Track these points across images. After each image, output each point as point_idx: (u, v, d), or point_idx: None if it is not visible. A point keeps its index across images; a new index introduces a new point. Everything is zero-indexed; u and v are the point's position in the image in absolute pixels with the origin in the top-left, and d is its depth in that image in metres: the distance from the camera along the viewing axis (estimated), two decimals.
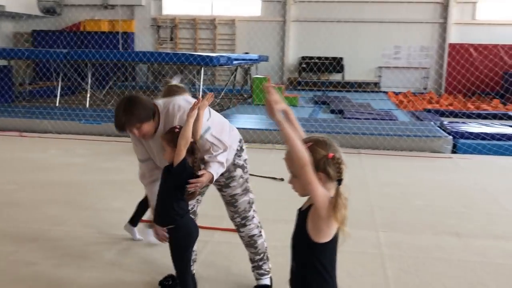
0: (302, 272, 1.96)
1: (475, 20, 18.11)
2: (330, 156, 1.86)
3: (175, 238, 2.82)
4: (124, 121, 2.80)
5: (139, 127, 2.80)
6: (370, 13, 18.29)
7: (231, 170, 3.08)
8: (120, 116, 2.80)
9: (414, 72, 18.50)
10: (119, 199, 5.26)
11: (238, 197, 3.14)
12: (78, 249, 3.94)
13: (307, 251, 1.91)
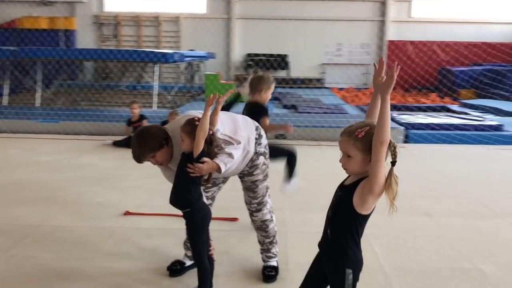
0: (339, 238, 2.17)
1: (411, 18, 19.03)
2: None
3: (192, 221, 2.96)
4: (138, 153, 2.96)
5: (154, 156, 2.96)
6: (313, 11, 18.81)
7: (254, 159, 3.24)
8: (135, 149, 2.97)
9: (355, 68, 19.19)
10: (99, 194, 5.28)
11: (259, 183, 3.31)
12: (74, 242, 3.97)
13: (349, 220, 2.13)
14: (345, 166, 2.14)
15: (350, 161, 2.10)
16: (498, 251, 3.93)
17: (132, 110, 7.80)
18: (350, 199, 2.09)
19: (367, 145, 2.02)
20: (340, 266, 2.15)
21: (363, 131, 2.05)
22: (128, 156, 7.53)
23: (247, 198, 3.39)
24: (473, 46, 17.97)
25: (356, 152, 2.07)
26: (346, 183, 2.18)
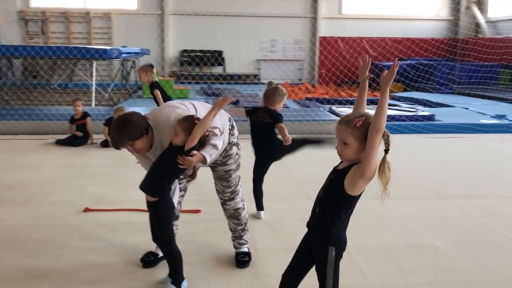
0: (326, 217, 2.31)
1: (342, 15, 19.70)
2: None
3: (161, 209, 3.01)
4: (117, 140, 2.97)
5: (132, 144, 2.98)
6: (246, 7, 19.02)
7: (228, 149, 3.32)
8: (114, 135, 2.98)
9: (289, 64, 19.62)
10: (53, 193, 5.16)
11: (232, 172, 3.40)
12: (37, 240, 3.89)
13: (338, 201, 2.28)
14: (341, 152, 2.26)
15: (346, 148, 2.22)
16: (446, 228, 4.25)
17: (75, 108, 7.62)
18: (342, 181, 2.24)
19: (363, 133, 2.16)
20: (325, 243, 2.30)
21: (360, 121, 2.18)
22: (76, 154, 7.50)
23: (220, 188, 3.47)
24: (399, 41, 18.85)
25: (353, 140, 2.19)
26: (339, 168, 2.32)
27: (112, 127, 2.99)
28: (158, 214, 3.03)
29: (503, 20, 18.15)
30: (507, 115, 9.77)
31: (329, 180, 2.36)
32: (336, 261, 2.31)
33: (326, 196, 2.33)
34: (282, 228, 4.25)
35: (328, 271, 2.30)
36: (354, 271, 3.41)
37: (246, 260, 3.49)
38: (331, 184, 2.32)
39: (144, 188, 3.01)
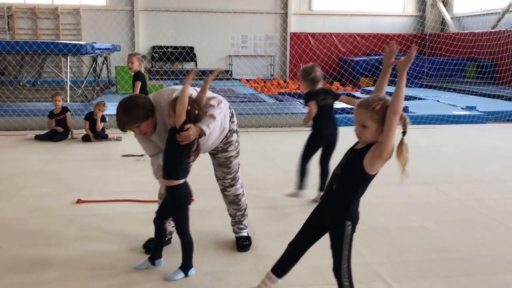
0: (344, 194, 2.42)
1: (312, 11, 19.91)
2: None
3: (178, 196, 3.07)
4: (124, 122, 3.01)
5: (139, 126, 3.03)
6: (217, 3, 19.02)
7: (228, 136, 3.39)
8: (120, 117, 3.01)
9: (261, 59, 19.73)
10: (42, 186, 5.13)
11: (232, 159, 3.47)
12: (34, 230, 3.89)
13: (356, 179, 2.39)
14: (360, 135, 2.36)
15: (365, 131, 2.32)
16: (433, 211, 4.44)
17: (55, 103, 7.54)
18: (361, 160, 2.34)
19: (382, 117, 2.25)
20: (342, 218, 2.42)
21: (379, 104, 2.27)
22: (58, 149, 7.42)
23: (221, 174, 3.53)
24: (368, 37, 19.20)
25: (371, 123, 2.29)
26: (357, 147, 2.42)
27: (118, 110, 3.03)
28: (175, 199, 3.08)
29: (467, 16, 18.70)
30: (476, 106, 10.12)
31: (346, 159, 2.45)
32: (351, 235, 2.43)
33: (344, 173, 2.42)
34: (276, 215, 4.35)
35: (344, 244, 2.43)
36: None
37: (247, 244, 3.58)
38: (349, 163, 2.42)
39: (163, 176, 3.07)
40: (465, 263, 3.38)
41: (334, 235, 2.48)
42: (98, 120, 7.45)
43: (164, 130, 3.12)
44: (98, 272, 3.19)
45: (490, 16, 17.12)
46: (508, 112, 9.71)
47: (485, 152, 7.05)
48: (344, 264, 2.46)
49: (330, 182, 2.51)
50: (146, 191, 4.91)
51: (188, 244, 3.15)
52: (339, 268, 2.47)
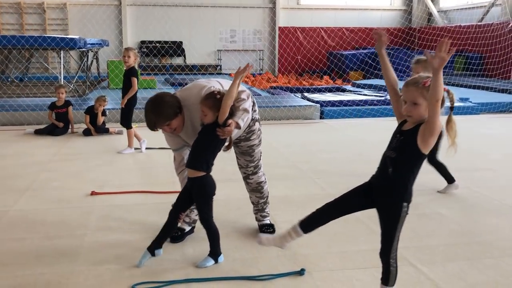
0: (402, 176, 2.43)
1: (300, 5, 19.95)
2: (446, 89, 2.39)
3: (205, 185, 3.10)
4: (154, 121, 3.06)
5: (169, 124, 3.08)
6: None
7: (251, 125, 3.43)
8: (150, 117, 3.05)
9: (250, 54, 19.71)
10: (53, 179, 5.10)
11: (255, 147, 3.51)
12: (54, 222, 3.87)
13: (412, 159, 2.41)
14: (410, 113, 2.37)
15: (416, 108, 2.35)
16: (445, 199, 4.52)
17: (59, 95, 7.47)
18: (414, 140, 2.35)
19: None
20: (399, 200, 2.44)
21: (428, 80, 2.29)
22: (61, 143, 7.39)
23: (244, 162, 3.57)
24: (356, 31, 19.32)
25: (422, 100, 2.32)
26: (405, 128, 2.43)
27: (147, 109, 3.06)
28: (201, 190, 3.10)
29: (454, 9, 18.92)
30: (469, 98, 10.27)
31: (397, 141, 2.45)
32: (406, 216, 2.47)
33: (398, 156, 2.42)
34: (292, 203, 4.39)
35: (398, 226, 2.46)
36: (373, 238, 3.59)
37: (271, 231, 3.62)
38: (401, 145, 2.42)
39: (189, 164, 3.09)
40: (487, 247, 3.46)
41: (388, 217, 2.49)
42: (99, 114, 7.40)
43: (192, 127, 3.16)
44: (127, 261, 3.20)
45: (476, 9, 17.34)
46: (500, 103, 9.89)
47: (484, 141, 7.17)
48: (394, 246, 2.50)
49: (383, 166, 2.49)
50: (159, 183, 4.94)
51: (214, 232, 3.18)
52: (389, 250, 2.51)
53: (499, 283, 2.93)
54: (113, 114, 8.37)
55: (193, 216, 3.60)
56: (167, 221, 3.20)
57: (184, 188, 3.24)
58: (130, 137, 6.32)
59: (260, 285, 2.90)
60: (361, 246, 3.46)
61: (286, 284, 2.91)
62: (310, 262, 3.19)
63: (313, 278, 2.98)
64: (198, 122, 3.12)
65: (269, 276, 2.99)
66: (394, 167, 2.43)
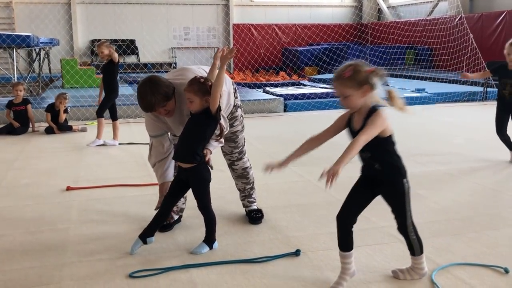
0: (387, 163, 2.51)
1: (253, 2, 20.01)
2: (371, 70, 2.38)
3: (202, 172, 3.07)
4: (154, 102, 2.94)
5: (165, 106, 2.99)
6: None
7: (233, 111, 3.43)
8: (149, 98, 2.93)
9: (204, 51, 19.61)
10: (21, 176, 4.93)
11: (238, 133, 3.51)
12: (34, 217, 3.73)
13: (384, 146, 2.50)
14: (346, 105, 2.43)
15: (348, 100, 2.38)
16: (421, 180, 4.64)
17: (17, 92, 7.18)
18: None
19: (357, 80, 2.32)
20: (398, 180, 2.53)
21: (348, 71, 2.33)
22: (23, 142, 7.17)
23: (228, 149, 3.55)
24: (309, 27, 19.56)
25: (349, 90, 2.35)
26: (357, 128, 2.44)
27: (144, 90, 2.97)
28: (198, 177, 3.07)
29: (403, 5, 19.47)
30: (425, 88, 10.61)
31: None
32: (409, 190, 2.55)
33: (373, 153, 2.49)
34: (274, 190, 4.41)
35: (406, 201, 2.54)
36: (360, 219, 3.65)
37: (259, 216, 3.63)
38: (367, 144, 2.40)
39: (181, 157, 3.05)
40: (468, 222, 3.59)
41: (395, 197, 2.56)
42: (61, 112, 7.18)
43: (179, 114, 3.12)
44: (118, 251, 3.13)
45: (425, 4, 17.92)
46: (454, 93, 10.27)
47: (446, 128, 7.43)
48: (409, 220, 2.57)
49: (368, 165, 2.58)
50: (133, 176, 4.86)
51: (212, 219, 3.16)
52: (405, 225, 2.58)
53: (486, 253, 3.05)
54: (73, 112, 8.16)
55: (180, 205, 3.57)
56: (160, 210, 3.15)
57: (176, 177, 3.19)
58: (100, 126, 6.26)
59: (259, 267, 2.90)
60: None
61: (284, 265, 2.93)
62: (303, 244, 3.22)
63: (310, 258, 3.01)
64: (187, 110, 3.07)
65: (266, 258, 2.99)
66: (377, 162, 2.51)
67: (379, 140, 2.43)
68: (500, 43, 14.21)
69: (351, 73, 2.33)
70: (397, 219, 2.61)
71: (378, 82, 2.42)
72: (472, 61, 12.79)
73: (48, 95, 10.39)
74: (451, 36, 14.61)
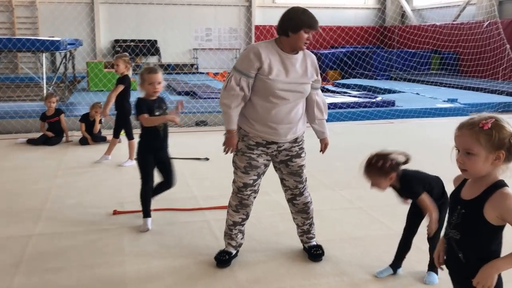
0: (477, 261, 1.88)
1: (275, 4, 19.87)
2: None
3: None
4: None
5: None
6: None
7: (303, 141, 3.33)
8: (315, 18, 3.13)
9: (226, 53, 19.53)
10: (66, 196, 4.85)
11: (304, 168, 3.38)
12: (87, 247, 3.65)
13: (486, 238, 1.87)
14: (464, 166, 1.84)
15: (470, 159, 1.81)
16: None
17: (49, 104, 7.10)
18: (481, 216, 1.83)
19: (494, 139, 1.77)
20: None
21: (489, 123, 1.78)
22: (59, 154, 7.03)
23: (293, 183, 3.39)
24: (332, 30, 19.35)
25: (479, 148, 1.79)
26: (467, 197, 1.89)
27: (305, 12, 3.12)
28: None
29: (428, 8, 19.20)
30: (458, 98, 10.41)
31: (458, 215, 1.92)
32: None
33: (464, 236, 1.90)
34: (326, 218, 4.26)
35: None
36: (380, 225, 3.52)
37: (320, 253, 3.48)
38: (464, 221, 1.89)
39: None
40: None
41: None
42: (96, 122, 7.12)
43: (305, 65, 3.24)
44: None
45: (451, 8, 17.64)
46: (489, 104, 10.06)
47: None
48: None
49: (450, 248, 1.98)
50: (177, 198, 4.68)
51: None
52: None
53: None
54: (105, 121, 8.08)
55: (239, 240, 3.45)
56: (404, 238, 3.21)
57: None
58: (131, 148, 6.00)
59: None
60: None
61: None
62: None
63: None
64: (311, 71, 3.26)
65: None
66: (463, 252, 1.91)
67: (488, 228, 1.83)
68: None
69: (491, 126, 1.77)
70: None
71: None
72: (498, 66, 12.55)
73: (76, 100, 10.32)
74: (479, 42, 14.37)
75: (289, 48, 3.14)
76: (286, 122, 3.15)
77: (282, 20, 3.14)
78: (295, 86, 3.12)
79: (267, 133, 3.15)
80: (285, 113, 3.13)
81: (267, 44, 3.20)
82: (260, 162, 3.24)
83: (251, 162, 3.21)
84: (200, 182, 5.29)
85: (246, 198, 3.32)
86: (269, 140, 3.18)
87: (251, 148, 3.20)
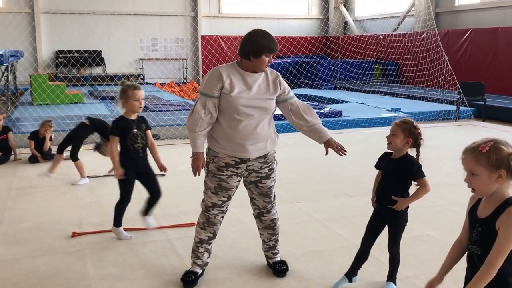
0: (497, 274, 2.05)
1: (221, 14, 19.99)
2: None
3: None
4: (276, 44, 3.21)
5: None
6: (124, 5, 18.46)
7: (274, 161, 3.42)
8: (272, 41, 3.18)
9: (173, 62, 19.44)
10: (20, 218, 4.73)
11: (273, 188, 3.47)
12: (49, 273, 3.59)
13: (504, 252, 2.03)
14: (471, 185, 2.10)
15: (475, 179, 2.06)
16: (427, 218, 4.73)
17: None
18: (496, 233, 2.02)
19: (492, 160, 2.01)
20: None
21: (487, 146, 2.03)
22: (8, 174, 6.78)
23: (262, 204, 3.48)
24: (279, 40, 19.62)
25: (480, 169, 2.03)
26: (482, 216, 2.11)
27: (266, 35, 3.16)
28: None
29: (369, 19, 19.86)
30: (401, 108, 10.84)
31: (477, 233, 2.12)
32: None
33: (484, 251, 2.07)
34: (286, 232, 4.36)
35: None
36: (377, 267, 3.70)
37: (285, 269, 3.58)
38: (483, 238, 2.09)
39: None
40: None
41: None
42: (46, 140, 6.96)
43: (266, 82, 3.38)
44: None
45: (391, 19, 18.33)
46: (430, 112, 10.54)
47: (431, 154, 7.54)
48: None
49: (471, 262, 2.17)
50: (136, 218, 4.64)
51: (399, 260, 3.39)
52: None
53: None
54: (54, 137, 7.90)
55: (205, 259, 3.50)
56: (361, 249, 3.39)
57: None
58: (79, 167, 5.96)
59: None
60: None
61: None
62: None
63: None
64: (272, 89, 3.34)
65: None
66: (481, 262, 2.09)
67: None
68: (465, 60, 14.72)
69: (488, 149, 2.02)
70: None
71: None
72: (438, 76, 13.18)
73: (22, 115, 10.01)
74: (419, 53, 15.00)
75: (251, 70, 3.24)
76: (252, 138, 3.23)
77: (243, 44, 3.23)
78: (258, 102, 3.22)
79: (235, 150, 3.22)
80: (251, 130, 3.22)
81: (228, 65, 3.30)
82: (231, 184, 3.31)
83: (221, 183, 3.27)
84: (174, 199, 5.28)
85: (212, 217, 3.38)
86: (238, 157, 3.24)
87: (221, 170, 3.26)
